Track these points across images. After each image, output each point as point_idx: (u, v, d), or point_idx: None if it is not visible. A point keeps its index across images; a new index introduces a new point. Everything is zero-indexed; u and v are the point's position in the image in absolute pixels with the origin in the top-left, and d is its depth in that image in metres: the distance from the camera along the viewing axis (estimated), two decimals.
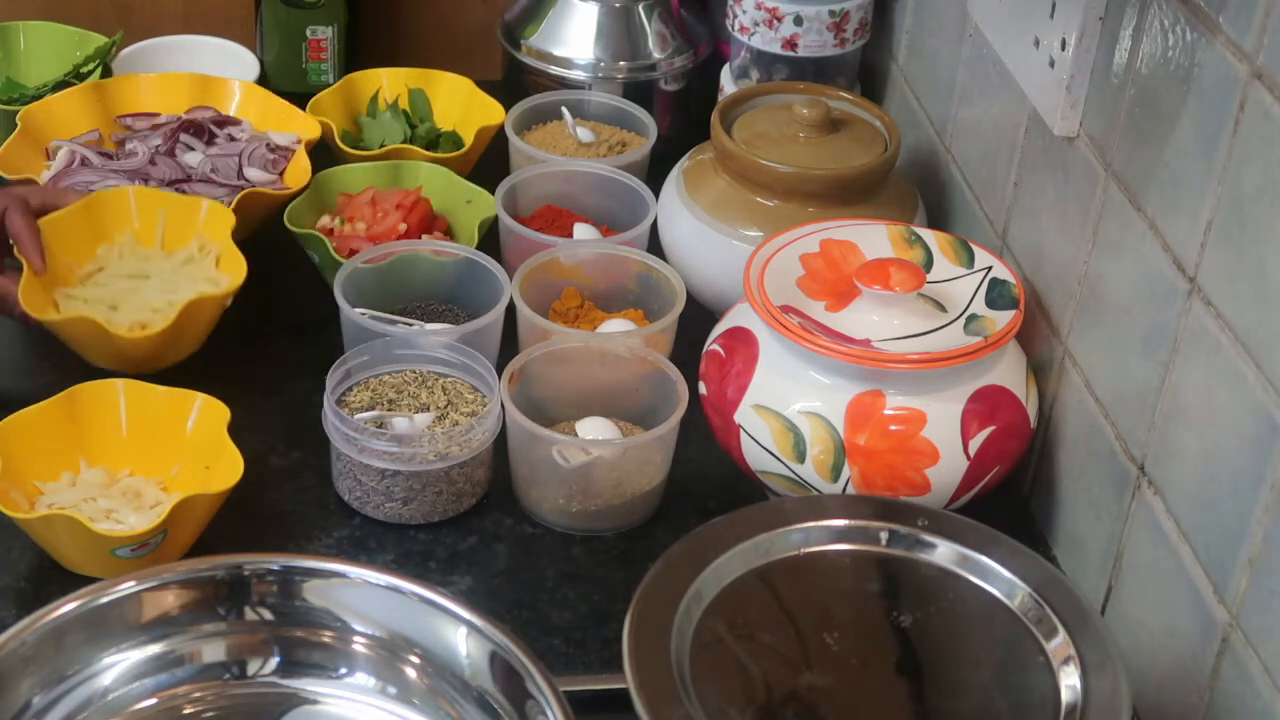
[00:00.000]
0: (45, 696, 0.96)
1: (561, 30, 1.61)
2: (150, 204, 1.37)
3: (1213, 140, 0.99)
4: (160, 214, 1.37)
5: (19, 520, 1.12)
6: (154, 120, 1.54)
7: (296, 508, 1.23)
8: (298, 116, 1.53)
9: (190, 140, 1.50)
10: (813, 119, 1.36)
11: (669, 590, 0.95)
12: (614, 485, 1.21)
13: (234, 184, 1.46)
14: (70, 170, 1.45)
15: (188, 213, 1.37)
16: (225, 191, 1.45)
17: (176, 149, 1.49)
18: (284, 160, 1.49)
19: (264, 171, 1.48)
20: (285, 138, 1.52)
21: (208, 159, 1.48)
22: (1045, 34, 1.19)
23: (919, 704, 0.95)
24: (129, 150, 1.49)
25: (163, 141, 1.49)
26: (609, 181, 1.47)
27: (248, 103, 1.56)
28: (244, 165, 1.47)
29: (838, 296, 1.20)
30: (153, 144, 1.49)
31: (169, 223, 1.37)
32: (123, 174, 1.45)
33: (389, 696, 1.01)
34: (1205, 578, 1.01)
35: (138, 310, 1.30)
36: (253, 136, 1.52)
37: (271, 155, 1.49)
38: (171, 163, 1.48)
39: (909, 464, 1.15)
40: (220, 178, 1.47)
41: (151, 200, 1.37)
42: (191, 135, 1.51)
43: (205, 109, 1.55)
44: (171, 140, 1.49)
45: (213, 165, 1.47)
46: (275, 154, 1.49)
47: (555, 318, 1.34)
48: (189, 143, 1.50)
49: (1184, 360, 1.04)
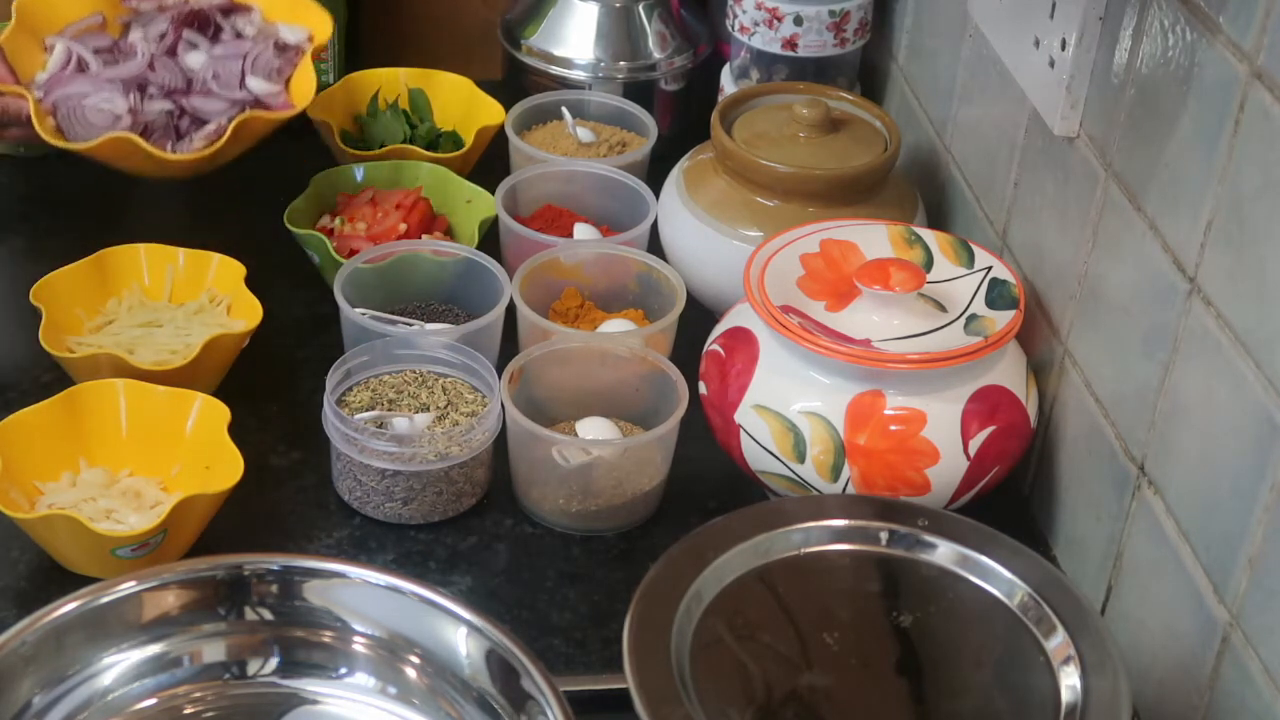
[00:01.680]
0: (45, 696, 0.96)
1: (561, 30, 1.61)
2: (160, 259, 1.35)
3: (1213, 140, 0.99)
4: (169, 269, 1.35)
5: (19, 520, 1.12)
6: (160, 1, 1.48)
7: (296, 508, 1.23)
8: (310, 8, 1.48)
9: (194, 37, 1.45)
10: (813, 119, 1.36)
11: (669, 590, 0.95)
12: (614, 485, 1.21)
13: (234, 97, 1.42)
14: (64, 77, 1.42)
15: (198, 267, 1.35)
16: (225, 106, 1.41)
17: (180, 46, 1.45)
18: (290, 66, 1.45)
19: (267, 81, 1.44)
20: (295, 33, 1.47)
21: (210, 61, 1.44)
22: (1045, 34, 1.19)
23: (919, 704, 0.95)
24: (129, 46, 1.44)
25: (168, 32, 1.44)
26: (609, 181, 1.47)
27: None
28: (247, 73, 1.43)
29: (838, 296, 1.20)
30: (156, 31, 1.45)
31: (178, 277, 1.36)
32: (118, 83, 1.42)
33: (389, 696, 1.01)
34: (1205, 578, 1.01)
35: (155, 353, 1.29)
36: (260, 32, 1.47)
37: (277, 61, 1.45)
38: (172, 65, 1.43)
39: (909, 464, 1.15)
40: (220, 86, 1.43)
41: (161, 256, 1.35)
42: (196, 30, 1.45)
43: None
44: (176, 35, 1.44)
45: (214, 70, 1.43)
46: (282, 57, 1.45)
47: (555, 318, 1.34)
48: (192, 39, 1.45)
49: (1184, 360, 1.04)
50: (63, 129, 1.40)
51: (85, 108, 1.40)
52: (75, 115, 1.40)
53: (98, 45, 1.46)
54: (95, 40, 1.46)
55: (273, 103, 1.44)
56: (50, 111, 1.40)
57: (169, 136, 1.42)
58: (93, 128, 1.39)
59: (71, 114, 1.40)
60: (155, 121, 1.42)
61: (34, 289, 1.29)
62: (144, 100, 1.42)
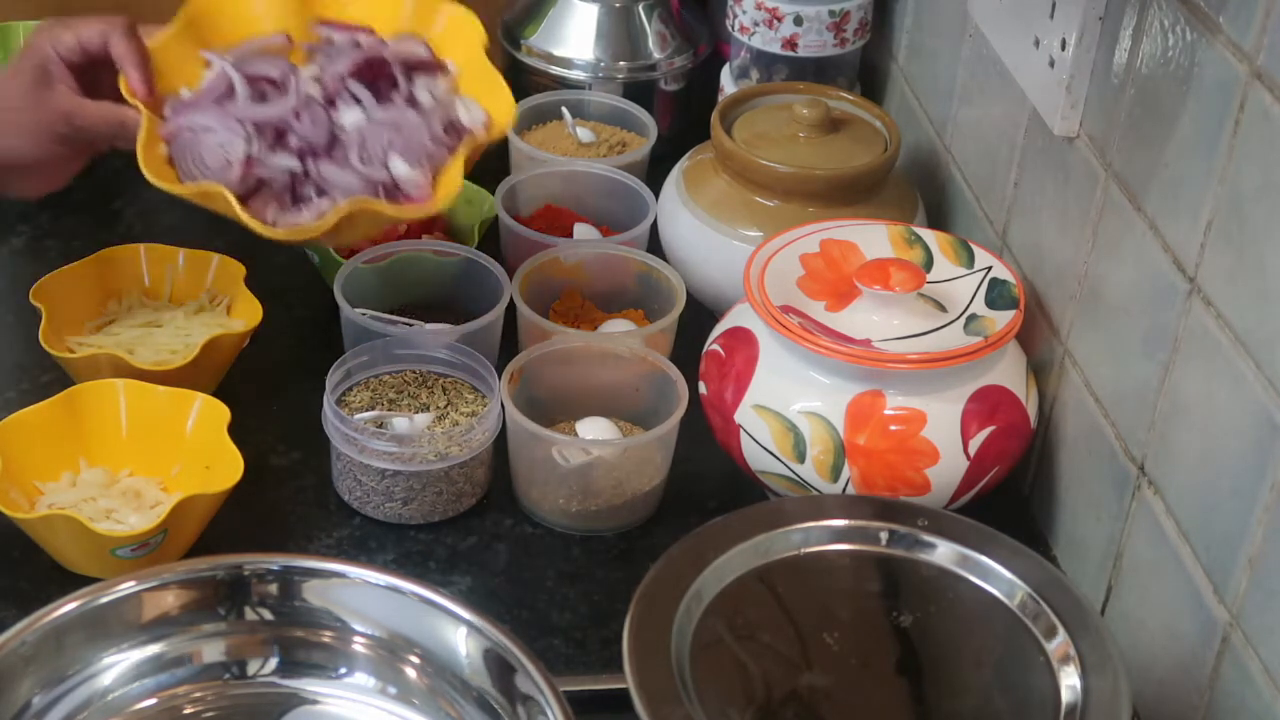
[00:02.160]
0: (45, 696, 0.96)
1: (561, 30, 1.61)
2: (160, 259, 1.35)
3: (1213, 140, 0.99)
4: (169, 269, 1.35)
5: (19, 520, 1.12)
6: (357, 36, 1.26)
7: (296, 508, 1.23)
8: (499, 90, 1.25)
9: (360, 91, 1.22)
10: (813, 119, 1.36)
11: (669, 590, 0.95)
12: (614, 485, 1.21)
13: (371, 175, 1.20)
14: (201, 102, 1.21)
15: (198, 267, 1.35)
16: (356, 183, 1.19)
17: (341, 97, 1.22)
18: (446, 152, 1.22)
19: (414, 167, 1.20)
20: (473, 114, 1.24)
21: (365, 125, 1.21)
22: (1045, 34, 1.19)
23: (919, 704, 0.95)
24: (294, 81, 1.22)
25: (345, 71, 1.22)
26: (609, 181, 1.47)
27: (455, 35, 1.27)
28: (396, 150, 1.20)
29: (838, 296, 1.20)
30: (337, 69, 1.22)
31: (178, 277, 1.35)
32: (249, 125, 1.19)
33: (389, 696, 1.01)
34: (1205, 578, 1.01)
35: (155, 353, 1.29)
36: (438, 102, 1.24)
37: (433, 147, 1.21)
38: (321, 118, 1.21)
39: (909, 464, 1.15)
40: (362, 158, 1.20)
41: (161, 256, 1.35)
42: (368, 83, 1.23)
43: (417, 40, 1.26)
44: (341, 83, 1.22)
45: (364, 136, 1.20)
46: (448, 139, 1.22)
47: (555, 318, 1.35)
48: (357, 93, 1.22)
49: (1184, 360, 1.04)
50: (175, 161, 1.20)
51: (203, 144, 1.19)
52: (190, 150, 1.20)
53: (264, 72, 1.24)
54: (264, 65, 1.24)
55: (412, 192, 1.20)
56: (168, 138, 1.20)
57: (283, 200, 1.20)
58: (205, 168, 1.19)
59: (186, 148, 1.20)
60: (274, 179, 1.20)
61: (34, 289, 1.29)
62: (269, 151, 1.20)
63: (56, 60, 1.19)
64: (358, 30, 1.26)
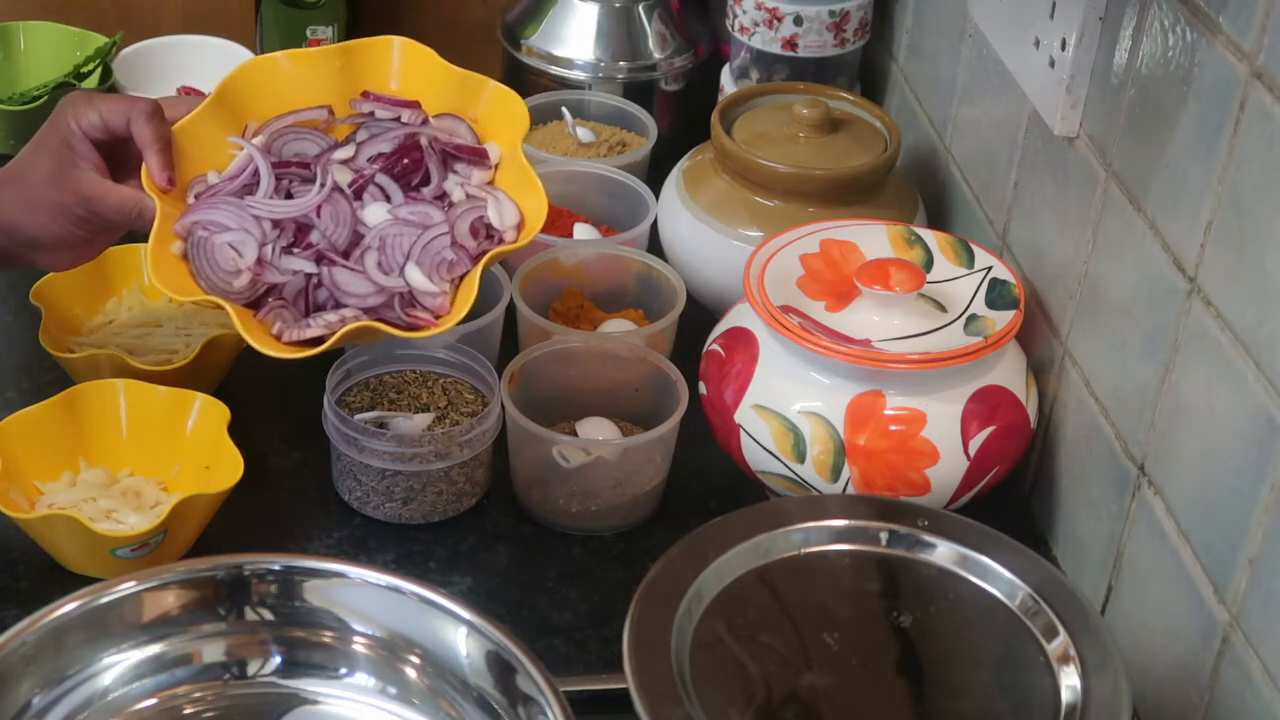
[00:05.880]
0: (45, 696, 0.96)
1: (561, 30, 1.61)
2: None
3: (1213, 140, 0.99)
4: None
5: (19, 520, 1.12)
6: (400, 111, 1.20)
7: (296, 508, 1.23)
8: (533, 189, 1.15)
9: (387, 184, 1.16)
10: (813, 119, 1.36)
11: (669, 590, 0.95)
12: (614, 485, 1.21)
13: (385, 284, 1.12)
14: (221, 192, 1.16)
15: None
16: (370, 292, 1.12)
17: (369, 190, 1.16)
18: (469, 261, 1.13)
19: (431, 278, 1.12)
20: (505, 214, 1.15)
21: (388, 224, 1.15)
22: (1045, 34, 1.19)
23: (919, 704, 0.95)
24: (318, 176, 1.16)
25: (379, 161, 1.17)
26: (609, 181, 1.47)
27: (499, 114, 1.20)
28: (413, 255, 1.13)
29: (838, 296, 1.20)
30: (375, 150, 1.17)
31: None
32: (265, 222, 1.14)
33: (389, 696, 1.01)
34: (1205, 578, 1.01)
35: (155, 353, 1.29)
36: (471, 197, 1.16)
37: (452, 255, 1.13)
38: (345, 214, 1.15)
39: (909, 464, 1.15)
40: (378, 264, 1.13)
41: None
42: (395, 177, 1.17)
43: (460, 121, 1.20)
44: (369, 176, 1.16)
45: (384, 237, 1.14)
46: (473, 243, 1.14)
47: (555, 318, 1.35)
48: (385, 187, 1.16)
49: (1184, 360, 1.04)
50: (189, 258, 1.13)
51: (215, 245, 1.13)
52: (203, 249, 1.13)
53: (296, 152, 1.19)
54: (299, 142, 1.19)
55: (428, 304, 1.13)
56: (183, 234, 1.14)
57: (295, 306, 1.14)
58: (216, 269, 1.12)
59: (199, 246, 1.13)
60: (286, 285, 1.13)
61: (34, 289, 1.29)
62: (284, 253, 1.14)
63: (81, 137, 1.15)
64: (401, 105, 1.21)
